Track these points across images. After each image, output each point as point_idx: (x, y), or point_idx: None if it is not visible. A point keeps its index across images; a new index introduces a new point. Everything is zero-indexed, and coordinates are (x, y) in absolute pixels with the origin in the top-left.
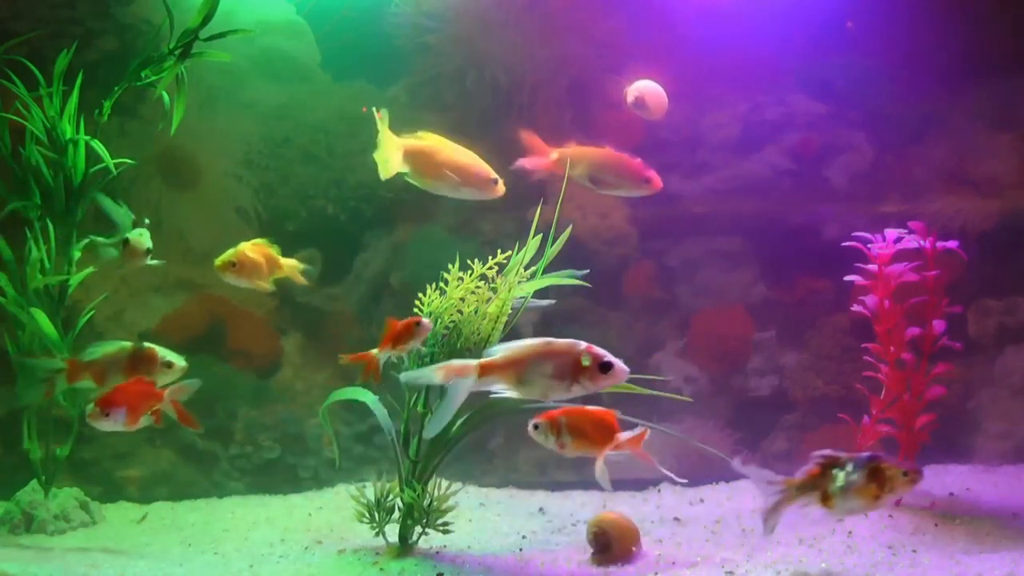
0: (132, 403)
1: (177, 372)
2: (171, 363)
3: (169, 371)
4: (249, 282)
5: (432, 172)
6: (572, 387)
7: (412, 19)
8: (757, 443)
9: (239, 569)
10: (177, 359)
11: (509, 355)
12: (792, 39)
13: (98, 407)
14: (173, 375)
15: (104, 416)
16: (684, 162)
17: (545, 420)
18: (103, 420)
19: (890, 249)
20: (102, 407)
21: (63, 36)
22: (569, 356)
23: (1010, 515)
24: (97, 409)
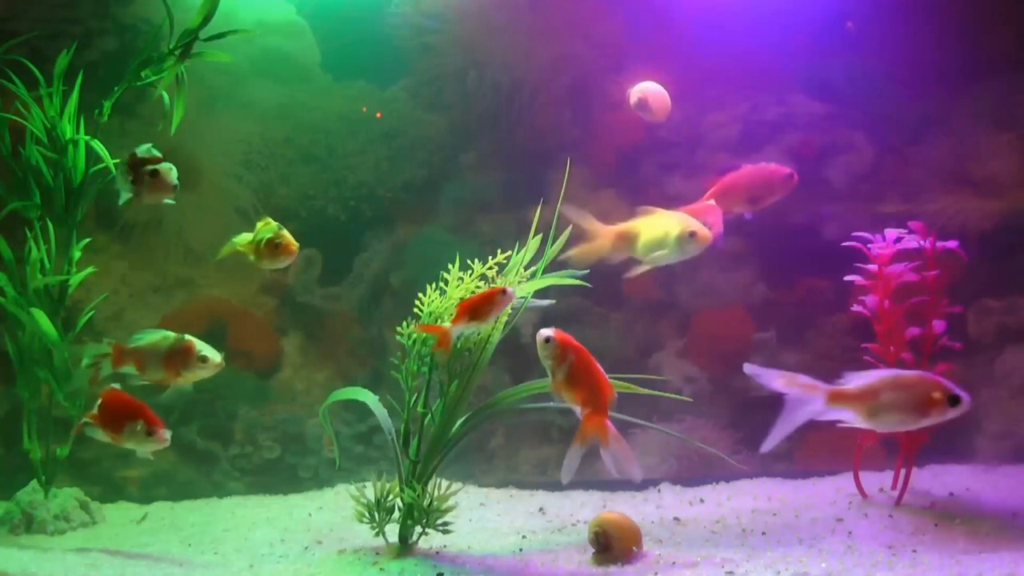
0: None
1: (212, 368)
2: (206, 358)
3: (204, 366)
4: (283, 262)
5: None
6: (921, 420)
7: (412, 19)
8: (757, 443)
9: (239, 569)
10: (213, 355)
11: (863, 386)
12: (792, 39)
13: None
14: (208, 371)
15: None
16: (684, 162)
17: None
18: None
19: (890, 249)
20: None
21: (63, 36)
22: (921, 389)
23: (1010, 515)
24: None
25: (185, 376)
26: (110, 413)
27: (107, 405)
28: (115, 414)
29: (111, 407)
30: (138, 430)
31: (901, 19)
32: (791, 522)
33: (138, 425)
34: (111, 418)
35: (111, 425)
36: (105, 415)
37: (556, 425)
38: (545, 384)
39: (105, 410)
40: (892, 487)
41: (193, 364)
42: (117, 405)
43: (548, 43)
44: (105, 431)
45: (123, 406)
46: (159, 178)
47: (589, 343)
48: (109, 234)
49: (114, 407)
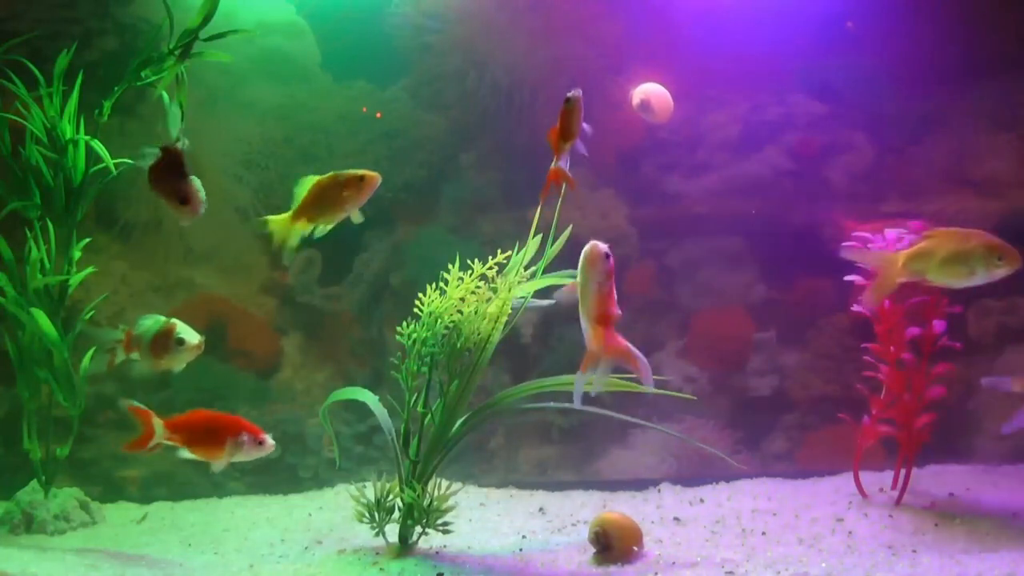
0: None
1: (189, 351)
2: (183, 340)
3: (181, 349)
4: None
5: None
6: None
7: (412, 19)
8: (757, 443)
9: (239, 569)
10: (191, 337)
11: None
12: (792, 39)
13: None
14: (186, 353)
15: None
16: (684, 162)
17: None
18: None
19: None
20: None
21: (63, 36)
22: None
23: (1010, 515)
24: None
25: (167, 360)
26: (201, 433)
27: (193, 426)
28: (207, 433)
29: (198, 427)
30: (243, 441)
31: (901, 19)
32: (791, 522)
33: (242, 437)
34: (200, 436)
35: (202, 442)
36: (192, 433)
37: (556, 425)
38: (545, 384)
39: (190, 428)
40: (892, 487)
41: (172, 347)
42: (207, 424)
43: (548, 43)
44: (200, 451)
45: (214, 423)
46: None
47: None
48: (109, 234)
49: (203, 426)
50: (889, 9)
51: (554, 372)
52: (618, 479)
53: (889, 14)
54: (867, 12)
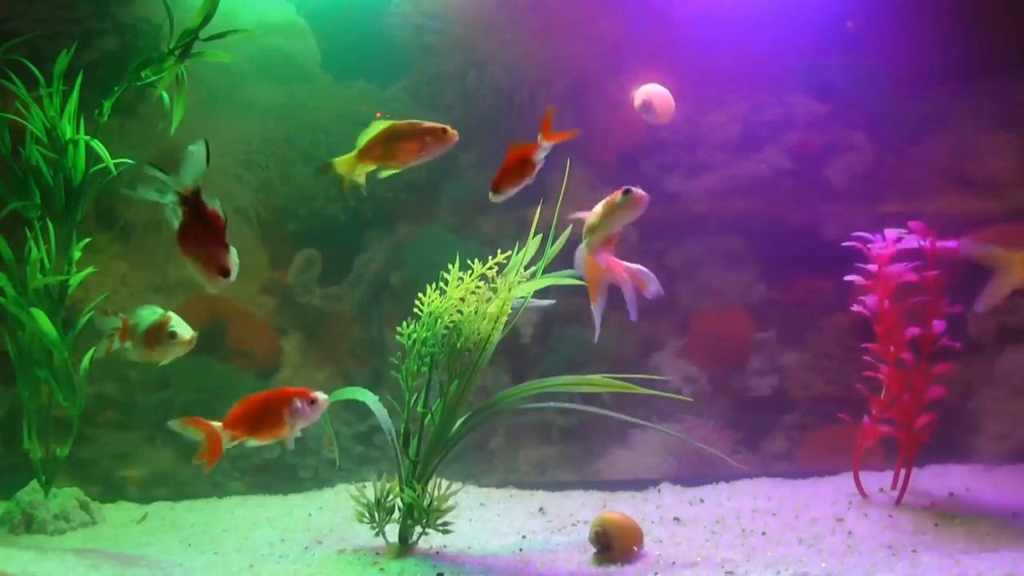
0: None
1: (182, 345)
2: (175, 334)
3: (173, 342)
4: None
5: None
6: None
7: (412, 19)
8: (757, 443)
9: (239, 569)
10: (183, 331)
11: None
12: (792, 39)
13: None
14: (178, 347)
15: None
16: (684, 162)
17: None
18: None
19: (890, 249)
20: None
21: (63, 36)
22: None
23: (1010, 515)
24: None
25: (159, 352)
26: (259, 419)
27: (248, 415)
28: (264, 416)
29: (253, 414)
30: (299, 408)
31: (901, 19)
32: (791, 522)
33: (296, 404)
34: (258, 420)
35: (263, 425)
36: (251, 421)
37: (556, 425)
38: (545, 384)
39: (247, 417)
40: (892, 487)
41: (164, 340)
42: (259, 408)
43: (548, 43)
44: (266, 435)
45: (264, 403)
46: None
47: (589, 343)
48: (109, 234)
49: (257, 411)
50: (889, 9)
51: (554, 372)
52: (618, 479)
53: (889, 14)
54: (867, 12)
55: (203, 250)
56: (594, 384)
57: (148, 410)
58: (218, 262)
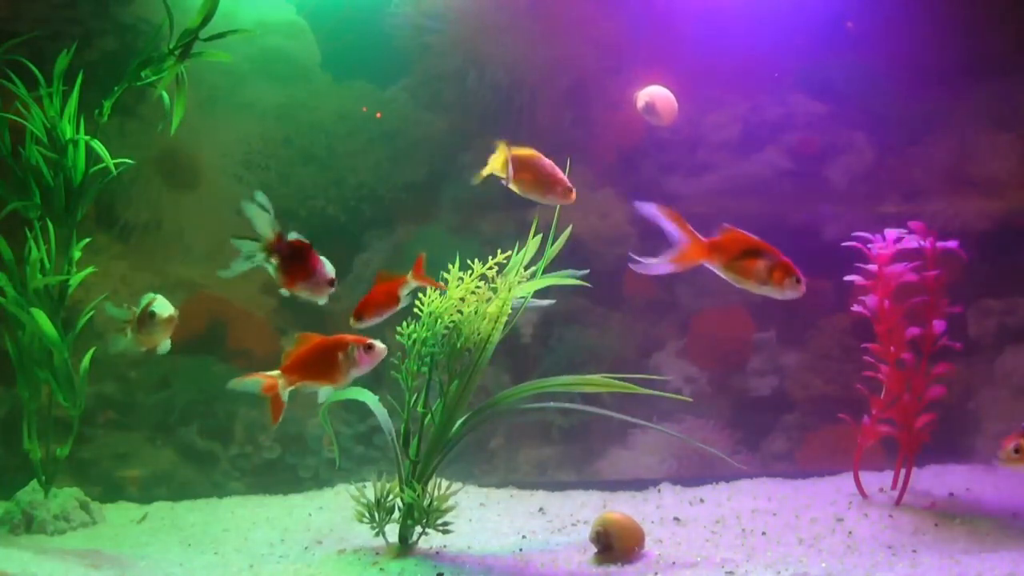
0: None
1: (163, 324)
2: (154, 313)
3: (152, 322)
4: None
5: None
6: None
7: (412, 19)
8: (757, 443)
9: (239, 569)
10: (162, 310)
11: None
12: (792, 39)
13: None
14: (161, 327)
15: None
16: (684, 162)
17: None
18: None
19: (890, 249)
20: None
21: (63, 36)
22: None
23: (1010, 515)
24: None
25: (146, 335)
26: (312, 360)
27: (302, 357)
28: (316, 359)
29: (306, 356)
30: (355, 354)
31: (901, 19)
32: (791, 522)
33: (352, 350)
34: (315, 364)
35: (319, 369)
36: (307, 366)
37: (556, 425)
38: (545, 384)
39: (304, 362)
40: (892, 487)
41: (146, 322)
42: (311, 352)
43: (548, 43)
44: (322, 380)
45: (319, 348)
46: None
47: (589, 343)
48: (109, 234)
49: (310, 354)
50: (889, 9)
51: (554, 372)
52: (618, 479)
53: (889, 14)
54: (867, 12)
55: (306, 275)
56: (594, 384)
57: (148, 410)
58: (324, 278)
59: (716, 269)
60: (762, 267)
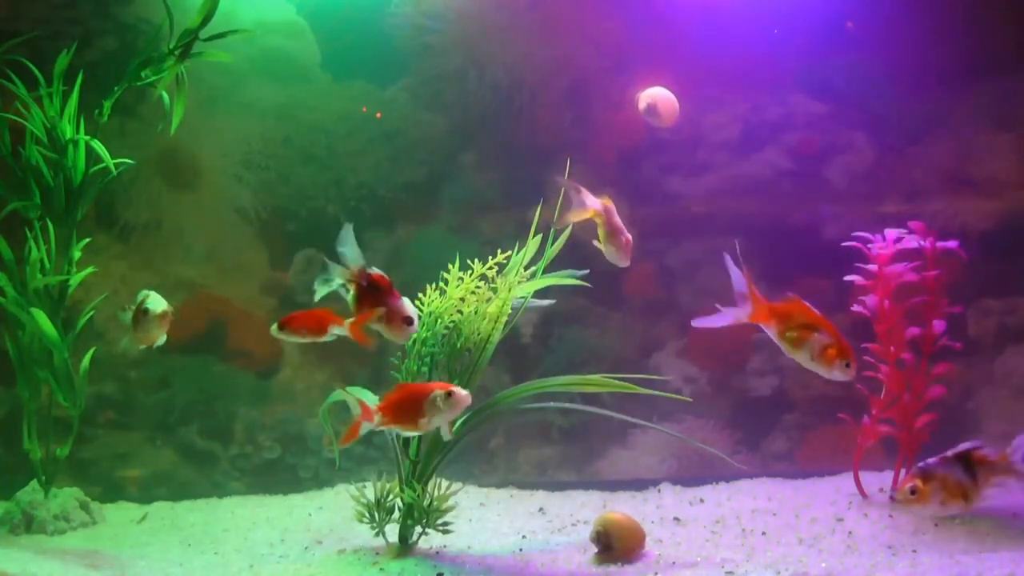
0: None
1: (156, 321)
2: (147, 310)
3: (146, 319)
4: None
5: None
6: None
7: (412, 19)
8: (757, 443)
9: (239, 569)
10: (155, 306)
11: None
12: (792, 39)
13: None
14: (154, 323)
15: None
16: (684, 162)
17: None
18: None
19: (890, 249)
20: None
21: (63, 36)
22: None
23: (1010, 515)
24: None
25: (141, 332)
26: (403, 406)
27: (397, 401)
28: (405, 405)
29: (400, 401)
30: (438, 403)
31: (901, 19)
32: (791, 522)
33: (436, 399)
34: (403, 410)
35: (406, 416)
36: (398, 410)
37: (556, 425)
38: (545, 384)
39: (397, 406)
40: (892, 487)
41: (141, 318)
42: (404, 397)
43: (548, 43)
44: (400, 423)
45: (410, 395)
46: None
47: (589, 343)
48: (109, 234)
49: (403, 399)
50: (889, 9)
51: (554, 372)
52: (618, 479)
53: (889, 14)
54: (867, 12)
55: (384, 309)
56: (594, 384)
57: (148, 410)
58: (401, 315)
59: (771, 334)
60: (817, 343)
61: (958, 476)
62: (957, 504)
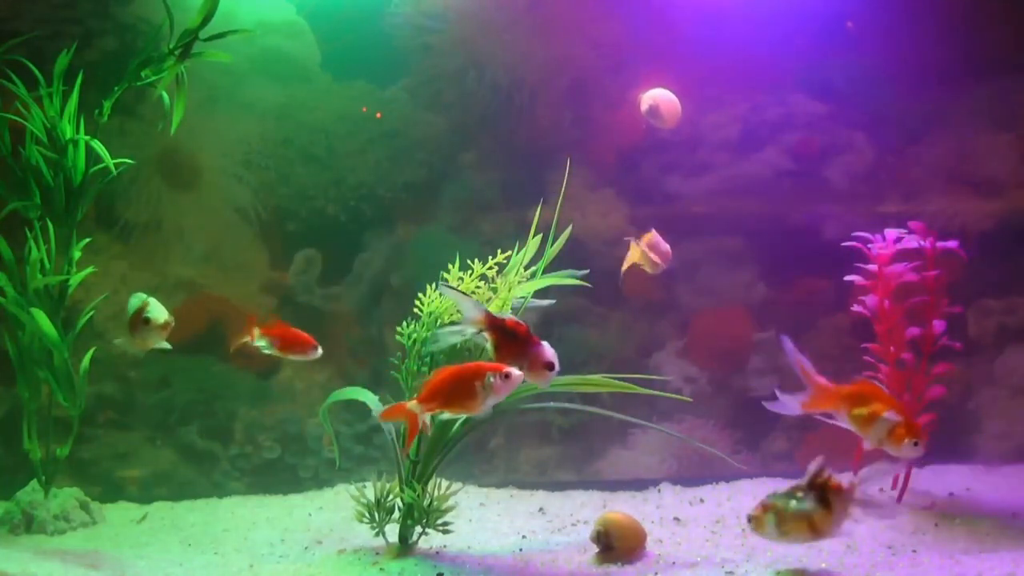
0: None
1: (157, 330)
2: (148, 319)
3: (147, 328)
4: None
5: None
6: None
7: (412, 19)
8: (757, 443)
9: (239, 569)
10: (157, 316)
11: None
12: (792, 39)
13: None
14: (155, 333)
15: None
16: (684, 162)
17: None
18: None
19: (890, 249)
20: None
21: (63, 36)
22: None
23: (1010, 515)
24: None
25: (140, 338)
26: (450, 389)
27: (439, 387)
28: (453, 387)
29: (443, 385)
30: (492, 381)
31: (901, 19)
32: None
33: (489, 379)
34: (452, 393)
35: (456, 398)
36: (445, 394)
37: (556, 425)
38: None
39: (441, 391)
40: (892, 487)
41: (141, 326)
42: (448, 381)
43: (548, 43)
44: (459, 409)
45: (456, 377)
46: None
47: (589, 343)
48: (109, 234)
49: (446, 383)
50: (889, 9)
51: None
52: (618, 479)
53: (889, 14)
54: (867, 12)
55: (523, 355)
56: (594, 384)
57: (148, 410)
58: (542, 360)
59: (839, 417)
60: (885, 424)
61: (804, 505)
62: (803, 535)
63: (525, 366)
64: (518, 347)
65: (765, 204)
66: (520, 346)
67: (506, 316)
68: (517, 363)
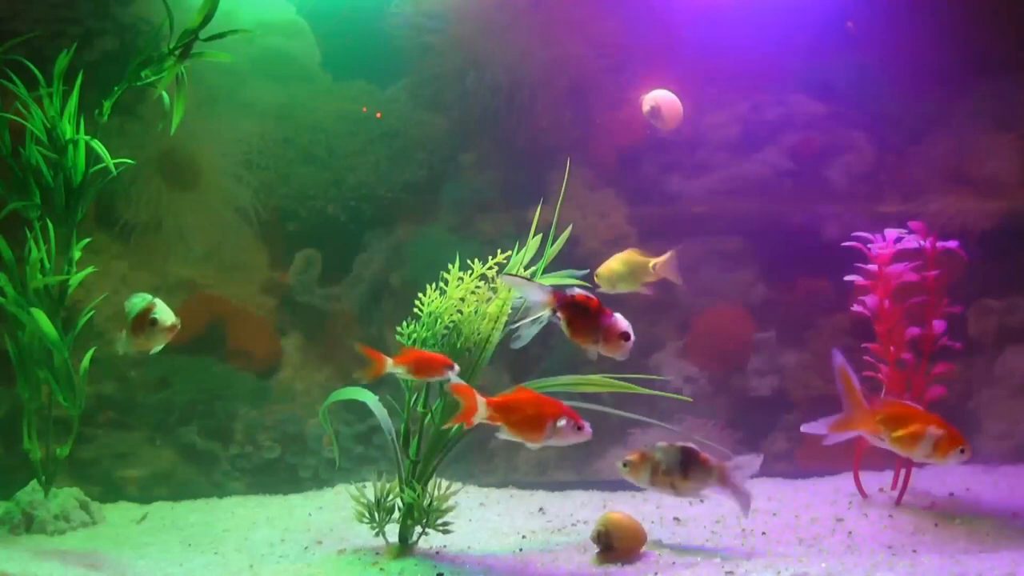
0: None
1: (162, 332)
2: (155, 320)
3: (153, 329)
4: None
5: None
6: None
7: (412, 19)
8: (757, 443)
9: (239, 569)
10: (164, 318)
11: None
12: (792, 39)
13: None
14: (160, 334)
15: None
16: (684, 162)
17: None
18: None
19: (890, 249)
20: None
21: (63, 36)
22: None
23: (1010, 515)
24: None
25: (144, 339)
26: (523, 416)
27: (516, 408)
28: (530, 416)
29: (521, 409)
30: (562, 426)
31: (901, 19)
32: (791, 522)
33: (561, 421)
34: (526, 420)
35: (523, 424)
36: (514, 415)
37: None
38: (545, 384)
39: (511, 409)
40: (892, 487)
41: (147, 327)
42: (530, 407)
43: (548, 43)
44: (520, 432)
45: (537, 406)
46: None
47: None
48: (109, 234)
49: (526, 409)
50: (889, 9)
51: (554, 372)
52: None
53: (889, 14)
54: (867, 12)
55: (598, 329)
56: (594, 384)
57: (148, 410)
58: (617, 331)
59: (878, 438)
60: (930, 438)
61: (672, 466)
62: (666, 490)
63: (600, 339)
64: (590, 321)
65: (765, 204)
66: (593, 320)
67: (574, 291)
68: (592, 338)
